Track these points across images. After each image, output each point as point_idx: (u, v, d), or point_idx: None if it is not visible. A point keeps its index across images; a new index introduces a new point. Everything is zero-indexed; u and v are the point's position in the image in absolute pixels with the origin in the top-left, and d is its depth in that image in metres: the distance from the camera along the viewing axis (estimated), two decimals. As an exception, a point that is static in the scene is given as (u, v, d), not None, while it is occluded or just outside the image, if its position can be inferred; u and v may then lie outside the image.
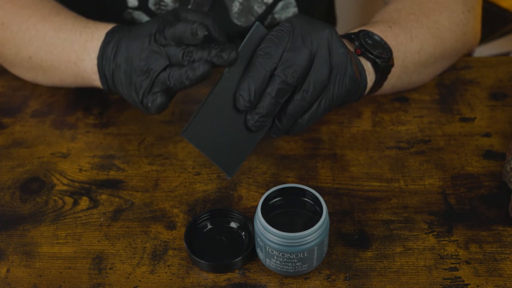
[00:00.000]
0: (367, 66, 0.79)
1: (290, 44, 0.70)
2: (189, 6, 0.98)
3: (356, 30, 0.81)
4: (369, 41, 0.79)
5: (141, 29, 0.76)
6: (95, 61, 0.81)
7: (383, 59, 0.79)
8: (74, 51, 0.83)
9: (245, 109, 0.70)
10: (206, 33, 0.70)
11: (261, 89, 0.70)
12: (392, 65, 0.80)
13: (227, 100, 0.70)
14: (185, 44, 0.73)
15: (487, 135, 0.87)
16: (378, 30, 0.81)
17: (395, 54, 0.81)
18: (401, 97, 0.92)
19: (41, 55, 0.86)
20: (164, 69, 0.73)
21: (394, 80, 0.85)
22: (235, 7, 0.99)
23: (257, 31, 0.71)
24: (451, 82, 0.94)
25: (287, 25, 0.71)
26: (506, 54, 1.59)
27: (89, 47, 0.81)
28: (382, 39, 0.80)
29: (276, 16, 1.02)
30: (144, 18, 0.99)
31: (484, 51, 1.57)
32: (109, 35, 0.80)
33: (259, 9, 1.00)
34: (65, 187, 0.82)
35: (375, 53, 0.78)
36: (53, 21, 0.85)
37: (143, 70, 0.74)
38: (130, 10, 0.99)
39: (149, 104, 0.75)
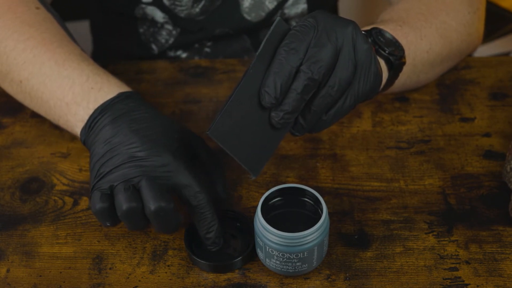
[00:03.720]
0: (381, 63, 0.78)
1: (315, 40, 0.68)
2: (202, 1, 0.98)
3: (368, 28, 0.80)
4: (382, 39, 0.78)
5: (152, 128, 0.73)
6: (90, 111, 0.76)
7: (396, 57, 0.78)
8: (73, 92, 0.77)
9: (270, 106, 0.67)
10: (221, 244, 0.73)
11: (286, 85, 0.67)
12: (404, 63, 0.80)
13: (251, 97, 0.68)
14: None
15: (487, 135, 0.87)
16: (389, 29, 0.81)
17: (406, 53, 0.81)
18: (401, 97, 0.92)
19: (33, 83, 0.80)
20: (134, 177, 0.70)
21: (404, 78, 0.84)
22: (247, 1, 0.99)
23: (279, 27, 0.68)
24: (451, 82, 0.94)
25: (311, 20, 0.69)
26: (506, 54, 1.59)
27: (92, 95, 0.77)
28: (394, 37, 0.80)
29: (286, 11, 1.01)
30: (157, 13, 0.98)
31: (484, 51, 1.57)
32: (122, 95, 0.76)
33: (270, 4, 1.00)
34: (65, 187, 0.82)
35: (388, 50, 0.78)
36: (55, 52, 0.80)
37: (115, 163, 0.71)
38: (143, 5, 0.98)
39: (90, 199, 0.71)
